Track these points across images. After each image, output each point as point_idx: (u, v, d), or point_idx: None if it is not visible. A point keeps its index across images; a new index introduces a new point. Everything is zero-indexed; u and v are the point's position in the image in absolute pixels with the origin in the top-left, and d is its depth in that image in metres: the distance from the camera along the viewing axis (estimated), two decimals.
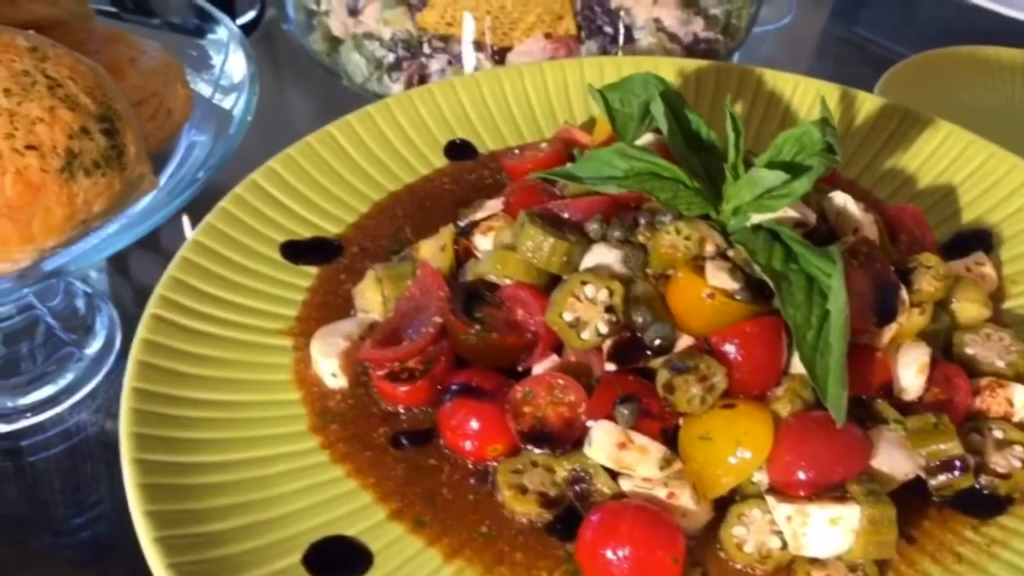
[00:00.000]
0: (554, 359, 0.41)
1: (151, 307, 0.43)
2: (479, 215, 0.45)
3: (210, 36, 0.62)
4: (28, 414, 0.59)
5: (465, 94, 0.56)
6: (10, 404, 0.59)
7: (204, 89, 0.60)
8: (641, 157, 0.41)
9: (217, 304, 0.44)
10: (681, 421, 0.38)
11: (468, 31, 0.68)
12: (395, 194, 0.51)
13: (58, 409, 0.60)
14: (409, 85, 0.70)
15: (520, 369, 0.41)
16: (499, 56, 0.68)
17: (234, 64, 0.59)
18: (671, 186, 0.41)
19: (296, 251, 0.47)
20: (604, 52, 0.67)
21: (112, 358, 0.63)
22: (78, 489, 0.57)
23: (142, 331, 0.42)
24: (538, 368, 0.41)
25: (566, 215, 0.42)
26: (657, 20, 0.70)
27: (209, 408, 0.40)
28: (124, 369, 0.62)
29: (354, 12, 0.71)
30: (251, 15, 0.91)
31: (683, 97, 0.45)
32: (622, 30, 0.69)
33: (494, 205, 0.46)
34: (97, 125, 0.51)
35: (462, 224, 0.46)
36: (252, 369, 0.42)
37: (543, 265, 0.41)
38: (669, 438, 0.38)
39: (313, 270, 0.47)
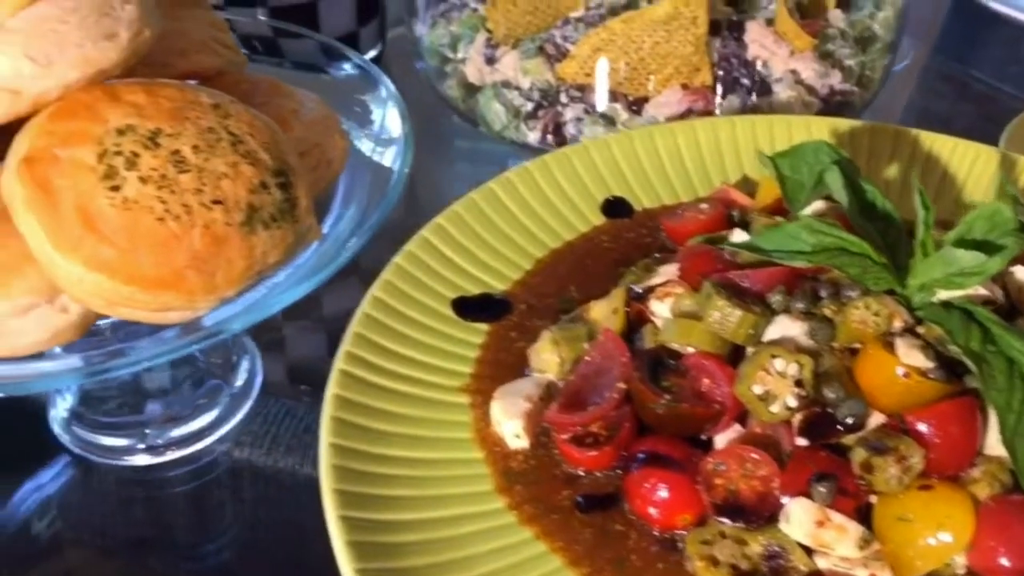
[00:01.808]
0: (737, 429, 0.41)
1: (340, 363, 0.45)
2: (655, 280, 0.46)
3: (370, 93, 0.64)
4: (175, 447, 0.62)
5: (619, 151, 0.57)
6: (160, 440, 0.62)
7: (363, 144, 0.63)
8: (829, 232, 0.41)
9: (398, 360, 0.46)
10: (875, 500, 0.38)
11: (605, 81, 0.69)
12: (556, 251, 0.52)
13: (206, 442, 0.63)
14: (545, 133, 0.71)
15: (703, 438, 0.42)
16: (636, 106, 0.69)
17: (390, 120, 0.61)
18: (859, 261, 0.41)
19: (467, 308, 0.49)
20: (744, 106, 0.67)
21: (255, 392, 0.65)
22: (225, 522, 0.59)
23: (333, 387, 0.44)
24: (721, 438, 0.41)
25: (747, 284, 0.43)
26: (794, 72, 0.70)
27: (401, 465, 0.41)
28: (266, 404, 0.64)
29: (491, 61, 0.73)
30: (373, 53, 0.93)
31: (856, 165, 0.46)
32: (759, 83, 0.70)
33: (669, 271, 0.46)
34: (274, 179, 0.53)
35: (638, 289, 0.47)
36: (436, 427, 0.44)
37: (729, 336, 0.42)
38: (862, 516, 0.38)
39: (484, 327, 0.49)
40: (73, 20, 0.50)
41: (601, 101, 0.69)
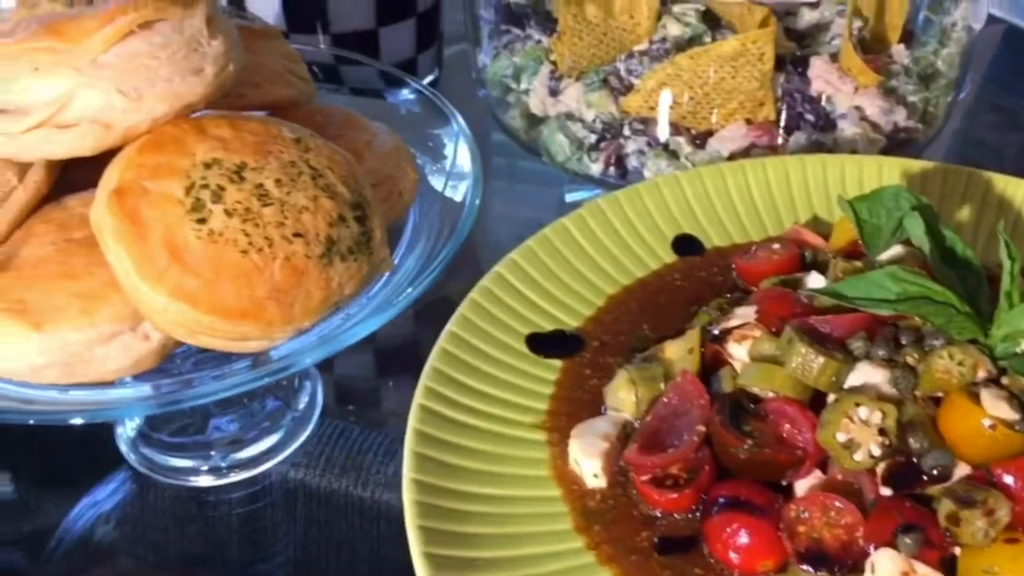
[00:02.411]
0: (818, 475, 0.41)
1: (419, 398, 0.45)
2: (732, 322, 0.46)
3: (442, 128, 0.65)
4: (238, 470, 0.63)
5: (690, 189, 0.57)
6: (223, 462, 0.63)
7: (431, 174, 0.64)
8: (914, 281, 0.41)
9: (475, 396, 0.46)
10: (959, 551, 0.38)
11: (669, 115, 0.70)
12: (628, 288, 0.53)
13: (269, 465, 0.64)
14: (607, 165, 0.72)
15: (783, 483, 0.42)
16: (699, 140, 0.70)
17: (461, 155, 0.62)
18: (944, 311, 0.41)
19: (541, 344, 0.49)
20: (809, 142, 0.67)
21: (316, 414, 0.66)
22: (283, 543, 0.60)
23: (413, 422, 0.44)
24: (802, 484, 0.41)
25: (827, 330, 0.43)
26: (859, 108, 0.70)
27: (481, 502, 0.42)
28: (327, 427, 0.65)
29: (554, 92, 0.74)
30: (430, 78, 0.95)
31: (935, 212, 0.46)
32: (823, 118, 0.70)
33: (745, 313, 0.47)
34: (351, 212, 0.54)
35: (714, 331, 0.47)
36: (514, 463, 0.44)
37: (811, 382, 0.42)
38: (947, 568, 0.38)
39: (557, 363, 0.49)
40: (163, 56, 0.51)
41: (664, 134, 0.70)
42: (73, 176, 0.56)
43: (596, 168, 0.71)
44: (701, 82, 0.68)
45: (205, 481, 0.62)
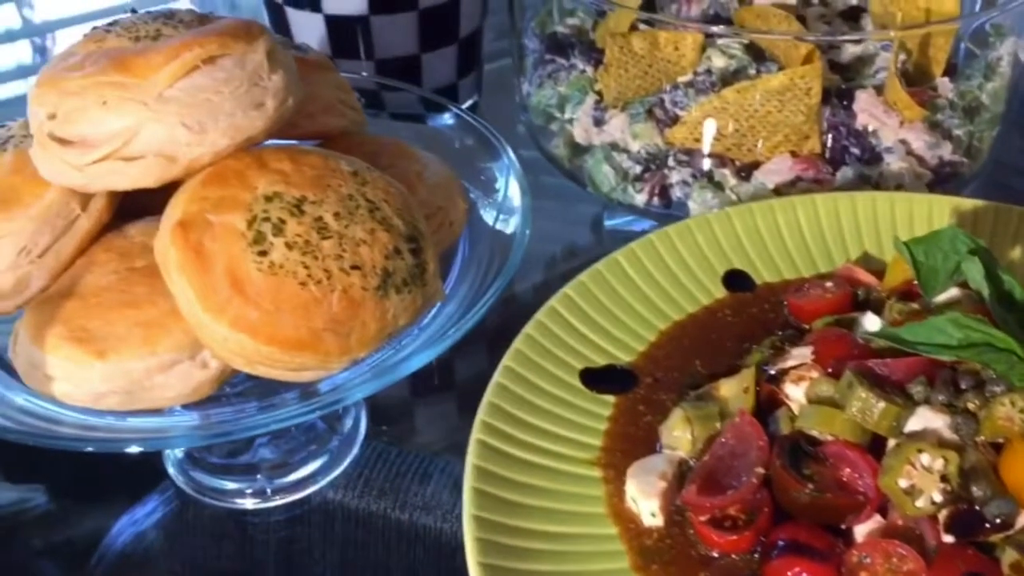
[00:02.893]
0: (878, 520, 0.41)
1: (477, 432, 0.46)
2: (788, 363, 0.47)
3: (494, 162, 0.66)
4: (283, 493, 0.63)
5: (740, 224, 0.58)
6: (269, 485, 0.63)
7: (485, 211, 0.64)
8: (976, 327, 0.42)
9: (531, 431, 0.47)
10: None
11: (714, 146, 0.70)
12: (679, 323, 0.53)
13: (314, 488, 0.64)
14: (651, 195, 0.72)
15: (842, 527, 0.42)
16: (744, 172, 0.70)
17: (511, 189, 0.63)
18: (1006, 358, 0.41)
19: (594, 379, 0.50)
20: (858, 177, 0.68)
21: (360, 438, 0.67)
22: (325, 566, 0.61)
23: (472, 457, 0.45)
24: (861, 528, 0.42)
25: (886, 373, 0.43)
26: (905, 142, 0.70)
27: (541, 539, 0.42)
28: (371, 450, 0.66)
29: (599, 122, 0.75)
30: (470, 102, 0.96)
31: (993, 255, 0.46)
32: (869, 152, 0.70)
33: (802, 354, 0.47)
34: (406, 245, 0.55)
35: (770, 371, 0.47)
36: (570, 500, 0.45)
37: (871, 427, 0.42)
38: None
39: (611, 398, 0.49)
40: (226, 90, 0.53)
41: (709, 166, 0.70)
42: (132, 203, 0.57)
43: (640, 198, 0.72)
44: (747, 115, 0.69)
45: (249, 504, 0.63)
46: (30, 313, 0.53)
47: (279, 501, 0.63)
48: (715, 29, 0.71)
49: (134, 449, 0.60)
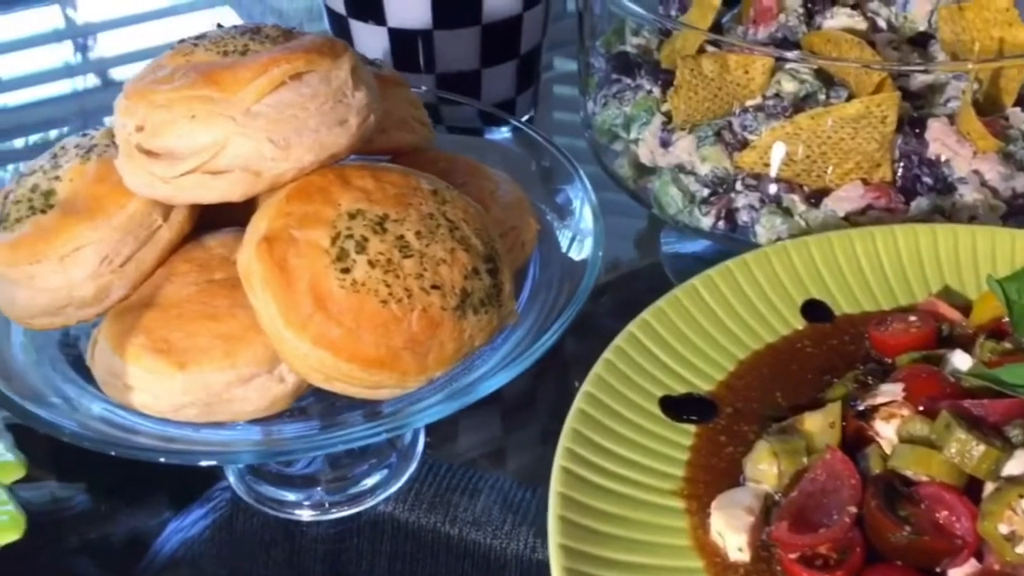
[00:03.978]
0: (974, 564, 0.41)
1: (560, 459, 0.46)
2: (878, 399, 0.46)
3: (568, 186, 0.65)
4: (342, 506, 0.63)
5: (819, 254, 0.57)
6: (328, 498, 0.63)
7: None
8: None
9: (614, 459, 0.47)
10: None
11: (783, 172, 0.70)
12: (758, 353, 0.53)
13: (373, 502, 0.64)
14: (717, 219, 0.72)
15: (936, 570, 0.41)
16: (814, 198, 0.70)
17: (586, 214, 0.63)
18: None
19: (675, 407, 0.49)
20: (935, 209, 0.67)
21: (418, 453, 0.67)
22: None
23: (556, 485, 0.45)
24: (956, 572, 0.41)
25: (981, 414, 0.43)
26: (978, 173, 0.70)
27: (627, 570, 0.42)
28: (428, 466, 0.65)
29: (666, 144, 0.74)
30: (526, 116, 0.96)
31: None
32: (941, 181, 0.69)
33: (892, 391, 0.46)
34: (484, 265, 0.55)
35: (859, 407, 0.47)
36: (654, 531, 0.44)
37: (969, 470, 0.41)
38: None
39: (692, 428, 0.49)
40: (312, 107, 0.53)
41: (778, 191, 0.70)
42: (210, 214, 0.57)
43: (707, 222, 0.71)
44: (819, 141, 0.68)
45: (307, 515, 0.63)
46: (111, 322, 0.54)
47: (336, 514, 0.63)
48: (789, 55, 0.71)
49: (206, 463, 0.60)
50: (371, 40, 0.86)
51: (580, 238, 0.63)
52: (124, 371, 0.51)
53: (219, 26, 0.57)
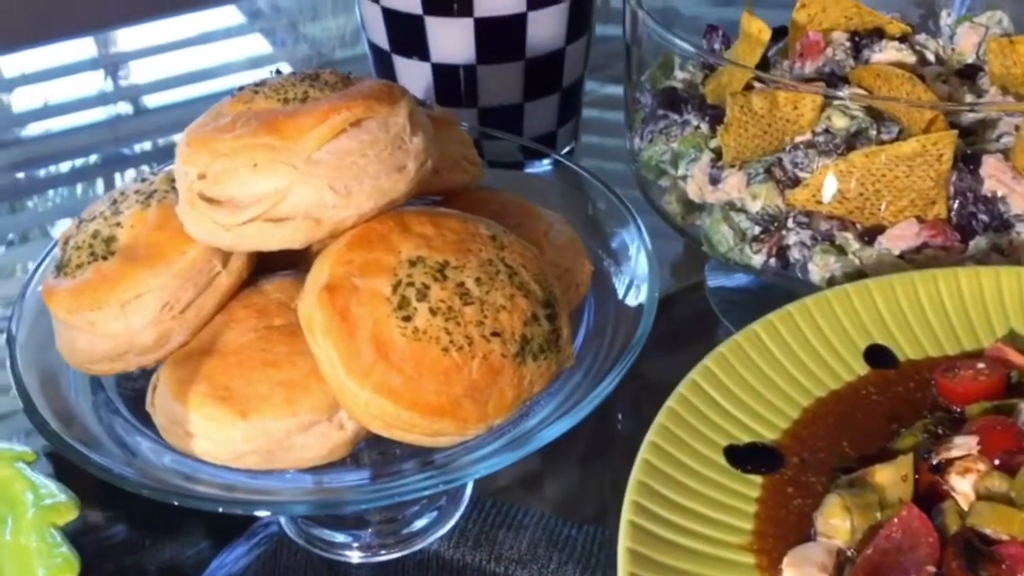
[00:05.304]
0: None
1: (627, 513, 0.45)
2: (952, 453, 0.45)
3: (623, 231, 0.65)
4: (391, 549, 0.63)
5: (880, 297, 0.57)
6: (377, 539, 0.63)
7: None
8: None
9: (680, 512, 0.46)
10: None
11: (836, 209, 0.69)
12: (822, 400, 0.52)
13: (421, 545, 0.64)
14: (769, 256, 0.71)
15: None
16: (868, 236, 0.69)
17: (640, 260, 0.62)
18: None
19: (741, 457, 0.49)
20: (994, 248, 0.66)
21: (467, 494, 0.66)
22: None
23: (624, 540, 0.44)
24: None
25: None
26: None
27: None
28: (473, 502, 0.65)
29: (715, 181, 0.74)
30: (567, 149, 0.96)
31: None
32: (997, 219, 0.68)
33: (966, 444, 0.45)
34: (543, 311, 0.54)
35: (932, 460, 0.46)
36: None
37: None
38: None
39: (758, 479, 0.48)
40: (371, 153, 0.53)
41: (831, 228, 0.69)
42: (267, 257, 0.58)
43: (758, 260, 0.71)
44: (873, 179, 0.67)
45: (355, 557, 0.63)
46: (171, 369, 0.54)
47: (385, 556, 0.63)
48: (840, 93, 0.70)
49: (262, 513, 0.60)
50: (414, 75, 0.87)
51: (635, 282, 0.62)
52: (186, 418, 0.51)
53: (278, 72, 0.57)
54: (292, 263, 0.59)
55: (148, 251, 0.54)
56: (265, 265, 0.58)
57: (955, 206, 0.69)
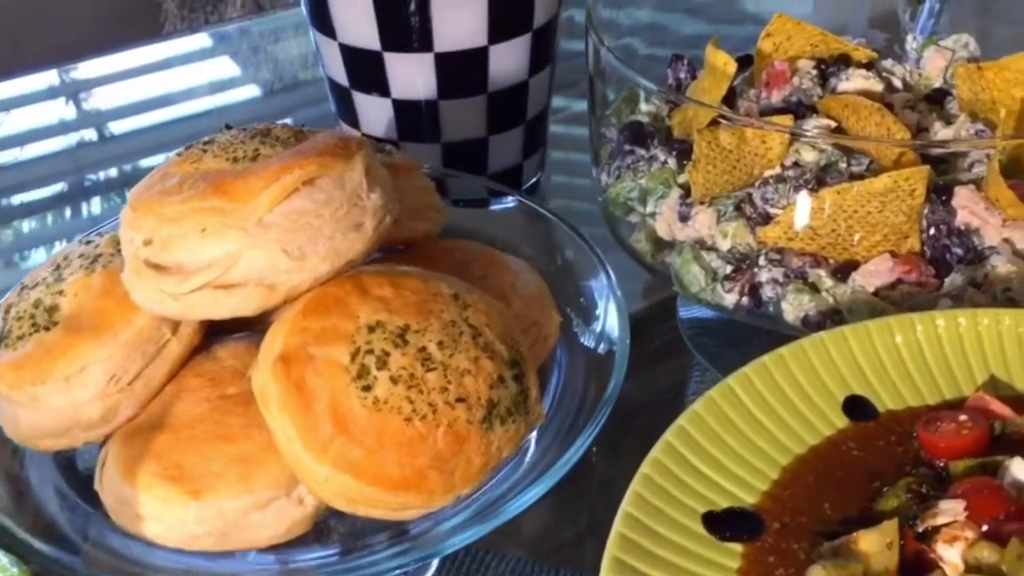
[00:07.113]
0: None
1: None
2: (938, 520, 0.44)
3: (592, 277, 0.63)
4: None
5: (857, 345, 0.55)
6: None
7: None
8: None
9: None
10: None
11: (808, 245, 0.68)
12: (802, 458, 0.50)
13: None
14: (741, 295, 0.69)
15: None
16: (841, 273, 0.67)
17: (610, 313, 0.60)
18: None
19: (719, 525, 0.47)
20: (970, 282, 0.65)
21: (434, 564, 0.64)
22: None
23: None
24: None
25: None
26: (1009, 241, 0.68)
27: None
28: (452, 557, 0.62)
29: (684, 218, 0.72)
30: (532, 180, 0.94)
31: None
32: (971, 251, 0.67)
33: (952, 509, 0.44)
34: (510, 372, 0.52)
35: (918, 528, 0.44)
36: None
37: None
38: None
39: (738, 547, 0.46)
40: (326, 213, 0.51)
41: (803, 265, 0.68)
42: (219, 321, 0.55)
43: (730, 299, 0.69)
44: (846, 215, 0.66)
45: None
46: (119, 445, 0.51)
47: None
48: (808, 132, 0.69)
49: None
50: (375, 112, 0.84)
51: (605, 331, 0.60)
52: (135, 500, 0.49)
53: (227, 127, 0.55)
54: (247, 323, 0.56)
55: (93, 320, 0.51)
56: (217, 328, 0.56)
57: (928, 239, 0.67)
